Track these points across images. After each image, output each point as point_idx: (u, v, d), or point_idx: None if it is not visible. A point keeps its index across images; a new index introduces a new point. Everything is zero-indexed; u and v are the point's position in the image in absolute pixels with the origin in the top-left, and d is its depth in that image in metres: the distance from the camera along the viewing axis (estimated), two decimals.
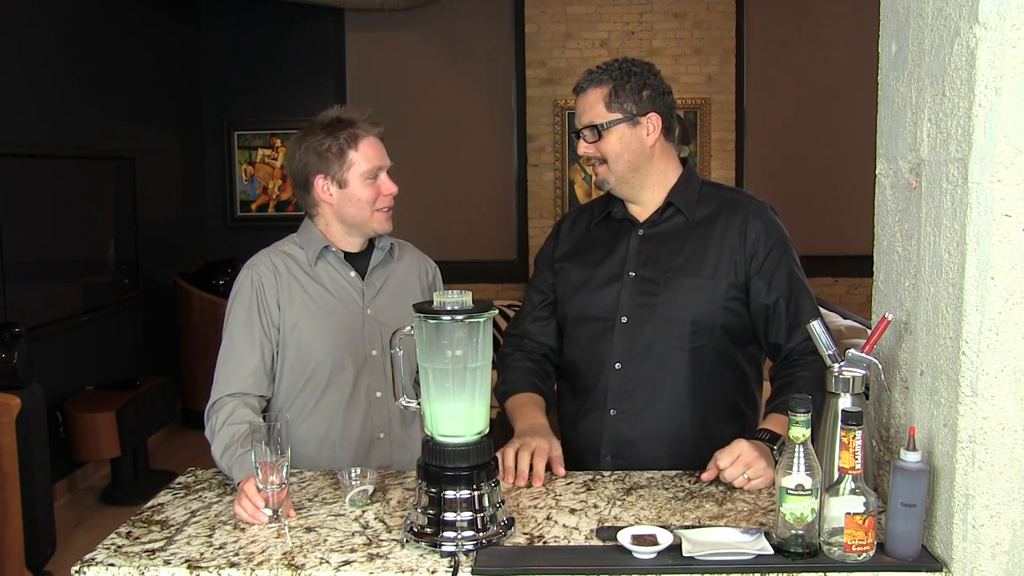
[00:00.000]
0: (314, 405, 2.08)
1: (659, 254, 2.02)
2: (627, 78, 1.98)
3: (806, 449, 1.42)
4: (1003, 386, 1.36)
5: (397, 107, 7.00)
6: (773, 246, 1.99)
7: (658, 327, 1.98)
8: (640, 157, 2.00)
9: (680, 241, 2.02)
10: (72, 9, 5.10)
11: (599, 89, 1.98)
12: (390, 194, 2.08)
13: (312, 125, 2.07)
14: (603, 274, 2.05)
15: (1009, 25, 1.30)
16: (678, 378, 1.99)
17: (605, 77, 1.99)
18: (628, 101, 1.97)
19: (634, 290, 2.01)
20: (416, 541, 1.51)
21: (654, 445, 2.00)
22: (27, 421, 3.52)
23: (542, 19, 7.09)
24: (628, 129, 1.98)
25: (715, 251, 1.99)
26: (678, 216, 2.04)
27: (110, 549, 1.54)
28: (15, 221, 4.31)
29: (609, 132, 1.97)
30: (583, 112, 2.00)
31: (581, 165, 7.15)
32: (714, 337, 2.00)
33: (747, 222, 2.00)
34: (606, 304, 2.03)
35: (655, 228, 2.05)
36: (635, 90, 1.98)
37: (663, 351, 1.99)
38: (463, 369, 1.53)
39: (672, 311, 1.98)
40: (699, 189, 2.06)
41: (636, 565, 1.44)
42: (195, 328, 5.93)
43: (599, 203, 2.16)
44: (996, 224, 1.33)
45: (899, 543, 1.43)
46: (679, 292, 1.98)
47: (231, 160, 6.94)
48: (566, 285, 2.11)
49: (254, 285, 2.05)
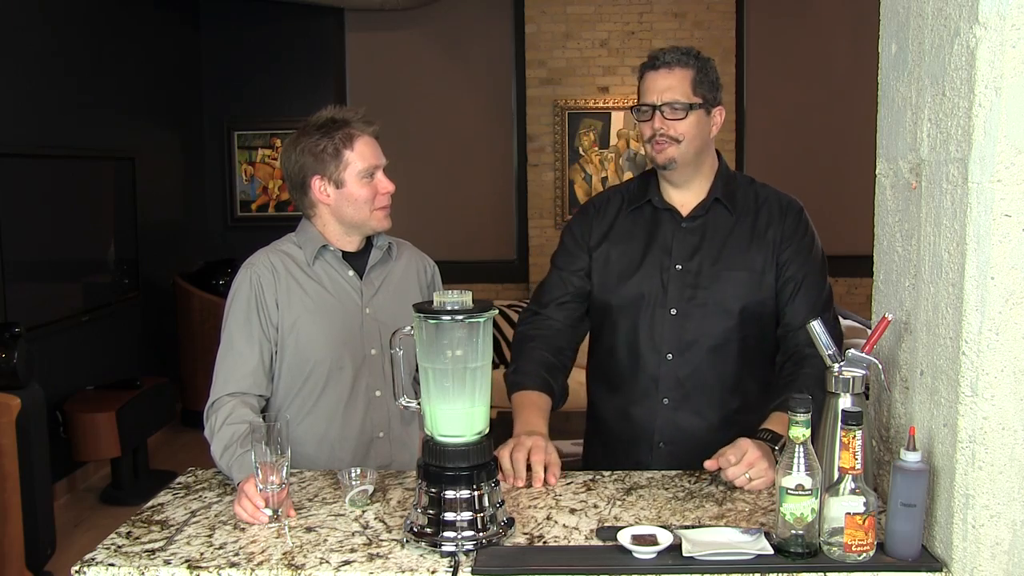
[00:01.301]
0: (313, 404, 2.08)
1: (704, 247, 2.06)
2: (706, 68, 2.03)
3: (806, 449, 1.42)
4: (1003, 386, 1.36)
5: (397, 107, 7.00)
6: (804, 240, 2.08)
7: (708, 319, 2.03)
8: (705, 144, 2.05)
9: (724, 234, 2.06)
10: (72, 9, 5.10)
11: (687, 70, 2.00)
12: (387, 192, 2.08)
13: (307, 126, 2.07)
14: (649, 264, 2.07)
15: (1009, 25, 1.30)
16: (728, 367, 2.05)
17: (690, 61, 2.01)
18: (707, 89, 2.02)
19: (682, 283, 2.04)
20: (416, 541, 1.51)
21: (707, 434, 2.02)
22: (27, 421, 3.52)
23: (542, 19, 7.09)
24: (704, 116, 2.02)
25: (758, 245, 2.05)
26: (721, 209, 2.08)
27: (110, 549, 1.54)
28: (15, 221, 4.31)
29: (691, 114, 2.00)
30: (668, 87, 2.00)
31: (582, 165, 7.16)
32: (761, 328, 2.06)
33: (782, 215, 2.08)
34: (654, 295, 2.05)
35: (698, 220, 2.08)
36: (712, 80, 2.03)
37: (713, 342, 2.03)
38: (463, 369, 1.53)
39: (722, 304, 2.03)
40: (736, 182, 2.13)
41: (636, 565, 1.44)
42: (195, 328, 5.93)
43: (631, 189, 2.17)
44: (996, 224, 1.33)
45: (899, 543, 1.43)
46: (729, 285, 2.03)
47: (231, 160, 6.94)
48: (606, 272, 2.11)
49: (253, 284, 2.05)
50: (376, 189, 2.06)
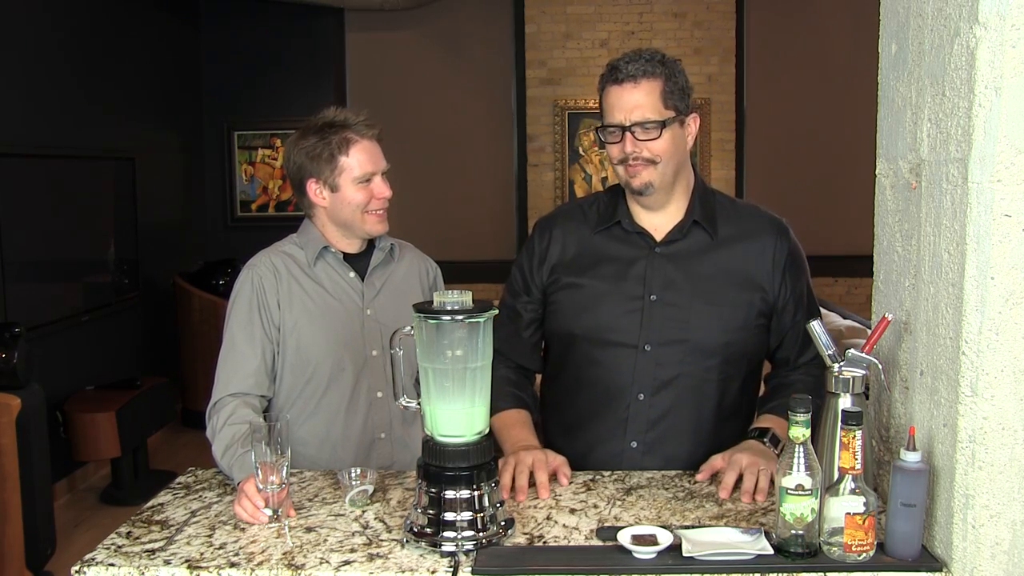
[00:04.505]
0: (315, 406, 2.08)
1: (682, 276, 1.86)
2: (675, 74, 1.80)
3: (806, 449, 1.42)
4: (1003, 386, 1.36)
5: (397, 107, 7.00)
6: (799, 271, 1.92)
7: (687, 358, 1.85)
8: (683, 160, 1.85)
9: (703, 261, 1.87)
10: (72, 9, 5.10)
11: (654, 81, 1.78)
12: (383, 198, 2.06)
13: (306, 127, 2.06)
14: (619, 294, 1.87)
15: (1009, 25, 1.30)
16: (704, 410, 1.88)
17: (657, 70, 1.78)
18: (679, 99, 1.80)
19: (658, 315, 1.85)
20: (416, 541, 1.51)
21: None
22: (27, 421, 3.52)
23: (542, 19, 7.09)
24: (679, 129, 1.82)
25: (742, 274, 1.88)
26: (700, 233, 1.88)
27: (110, 549, 1.54)
28: (15, 221, 4.31)
29: (665, 131, 1.78)
30: (637, 105, 1.77)
31: (582, 165, 7.16)
32: (743, 367, 1.92)
33: (776, 247, 1.90)
34: (626, 328, 1.86)
35: (674, 246, 1.88)
36: (682, 87, 1.81)
37: (690, 382, 1.86)
38: (463, 369, 1.53)
39: (704, 342, 1.85)
40: (715, 201, 1.94)
41: (636, 565, 1.44)
42: (195, 328, 5.93)
43: (599, 207, 1.95)
44: (996, 224, 1.33)
45: (899, 543, 1.43)
46: (710, 320, 1.85)
47: (231, 160, 6.94)
48: (570, 301, 1.91)
49: (255, 285, 2.05)
50: (371, 194, 2.05)
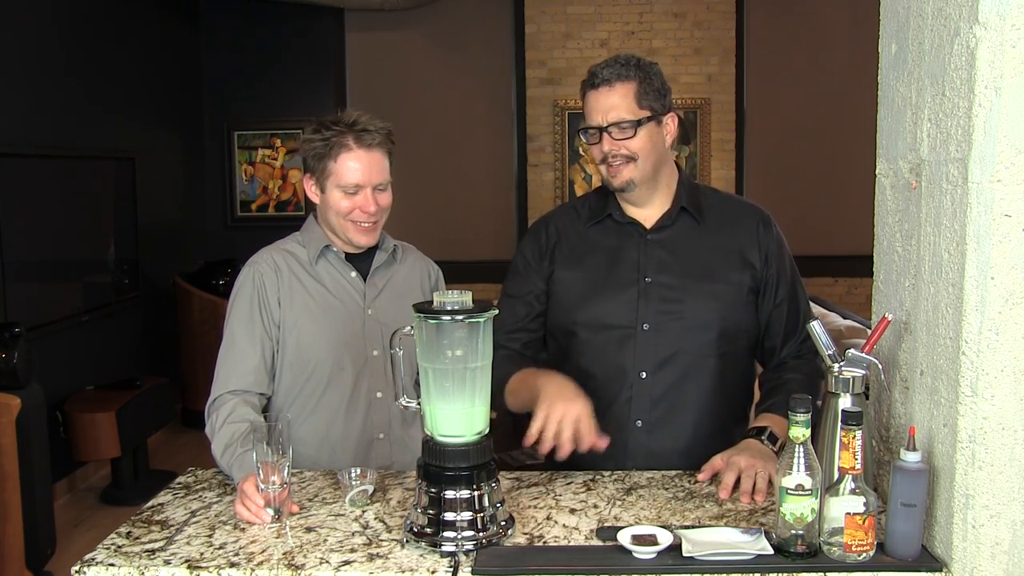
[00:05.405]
0: (314, 405, 2.08)
1: (673, 259, 1.97)
2: (649, 76, 1.92)
3: (806, 449, 1.42)
4: (1003, 386, 1.36)
5: (397, 107, 6.99)
6: (782, 253, 2.02)
7: (685, 334, 1.94)
8: (662, 157, 1.96)
9: (693, 245, 1.98)
10: (72, 9, 5.10)
11: (627, 84, 1.90)
12: (367, 212, 2.02)
13: (319, 121, 2.04)
14: (615, 280, 1.97)
15: (1009, 25, 1.30)
16: (704, 385, 1.96)
17: (631, 73, 1.90)
18: (654, 99, 1.92)
19: (654, 296, 1.95)
20: (416, 541, 1.51)
21: (681, 456, 1.94)
22: (27, 421, 3.52)
23: (542, 19, 7.09)
24: (655, 128, 1.92)
25: (731, 255, 1.98)
26: (688, 219, 1.99)
27: (110, 549, 1.54)
28: (15, 221, 4.31)
29: (640, 129, 1.90)
30: (611, 107, 1.89)
31: (582, 165, 7.16)
32: (738, 342, 1.99)
33: (760, 228, 2.00)
34: (624, 311, 1.95)
35: (664, 232, 1.99)
36: (658, 88, 1.93)
37: (690, 359, 1.94)
38: (463, 369, 1.53)
39: (700, 317, 1.94)
40: (700, 192, 2.05)
41: (636, 565, 1.44)
42: (195, 328, 5.93)
43: (589, 204, 2.07)
44: (996, 224, 1.33)
45: (899, 543, 1.43)
46: (704, 298, 1.95)
47: (231, 160, 6.94)
48: (568, 294, 2.01)
49: (255, 283, 2.05)
50: (355, 205, 2.02)
